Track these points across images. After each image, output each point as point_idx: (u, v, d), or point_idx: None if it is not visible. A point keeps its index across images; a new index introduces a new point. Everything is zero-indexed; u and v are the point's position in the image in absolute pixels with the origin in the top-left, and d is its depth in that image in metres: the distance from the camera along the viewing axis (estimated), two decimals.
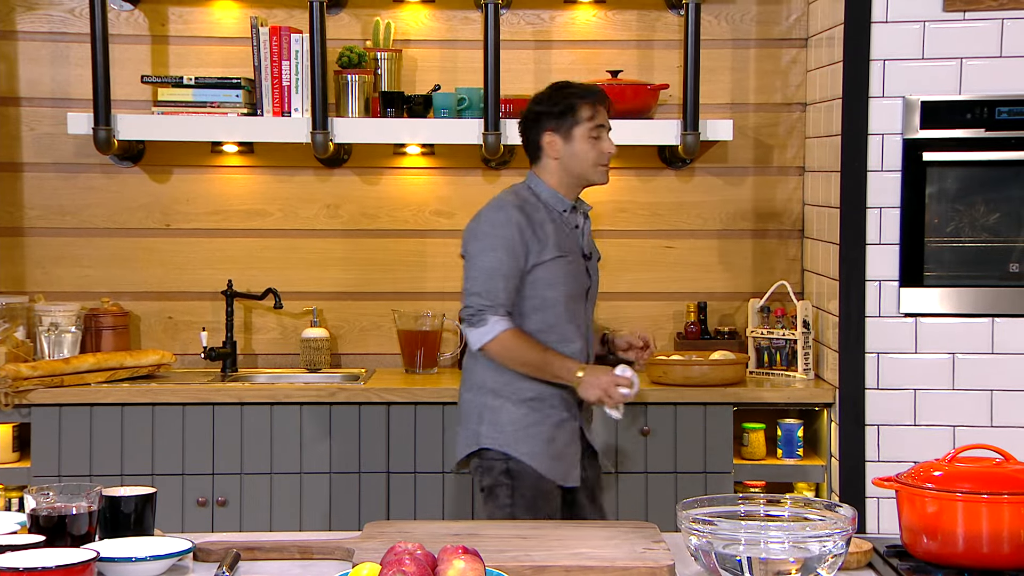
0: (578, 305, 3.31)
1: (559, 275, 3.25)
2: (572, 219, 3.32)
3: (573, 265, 3.28)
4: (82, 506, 2.11)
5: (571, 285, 3.28)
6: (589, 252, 3.37)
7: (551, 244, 3.25)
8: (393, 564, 1.87)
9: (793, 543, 1.95)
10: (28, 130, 4.31)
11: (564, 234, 3.28)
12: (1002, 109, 3.70)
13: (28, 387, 3.82)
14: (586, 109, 3.26)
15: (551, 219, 3.27)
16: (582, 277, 3.32)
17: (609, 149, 3.30)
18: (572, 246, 3.29)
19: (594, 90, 3.31)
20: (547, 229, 3.25)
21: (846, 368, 3.80)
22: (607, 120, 3.31)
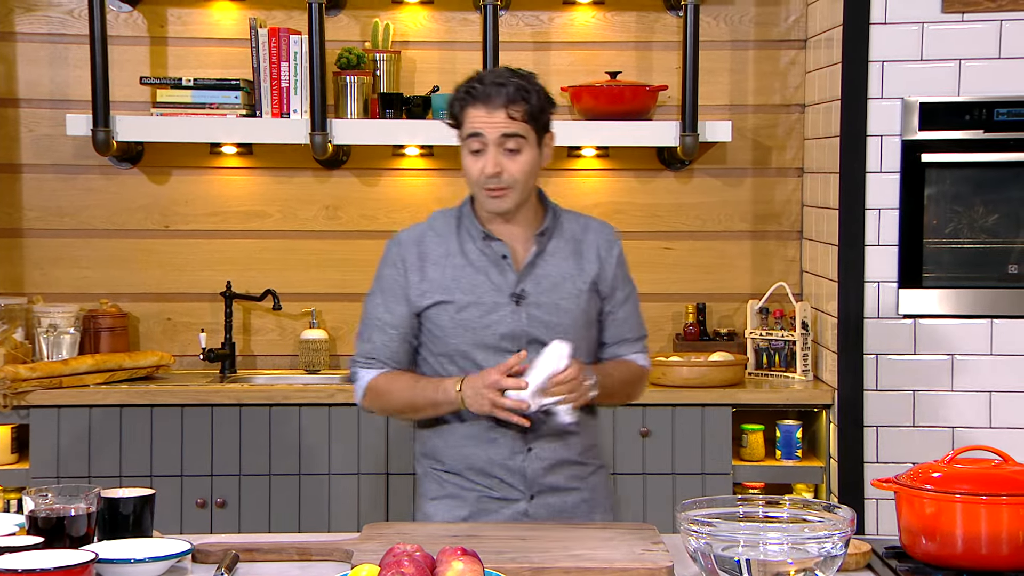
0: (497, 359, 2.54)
1: (448, 321, 2.59)
2: (496, 248, 2.60)
3: (480, 309, 2.58)
4: (81, 507, 2.11)
5: (474, 336, 2.58)
6: (521, 291, 2.58)
7: (441, 283, 2.60)
8: (392, 566, 1.87)
9: (792, 544, 1.95)
10: (27, 131, 4.31)
11: (476, 270, 2.59)
12: (1001, 110, 3.70)
13: (27, 388, 3.82)
14: (469, 113, 2.54)
15: (465, 250, 2.61)
16: (505, 323, 2.57)
17: (486, 169, 2.52)
18: (485, 285, 2.58)
19: (482, 91, 2.53)
20: (438, 265, 2.61)
21: (845, 369, 3.80)
22: (500, 130, 2.52)
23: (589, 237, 2.68)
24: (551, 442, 2.61)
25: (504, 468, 2.60)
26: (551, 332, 2.56)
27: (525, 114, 2.53)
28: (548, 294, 2.60)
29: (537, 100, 2.55)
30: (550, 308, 2.60)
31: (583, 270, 2.64)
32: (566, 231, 2.66)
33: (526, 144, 2.54)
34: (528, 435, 2.59)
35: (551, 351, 2.46)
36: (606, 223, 2.74)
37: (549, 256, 2.63)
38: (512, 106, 2.53)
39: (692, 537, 1.99)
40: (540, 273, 2.61)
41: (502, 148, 2.53)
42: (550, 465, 2.61)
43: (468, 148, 2.55)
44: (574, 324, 2.61)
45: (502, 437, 2.59)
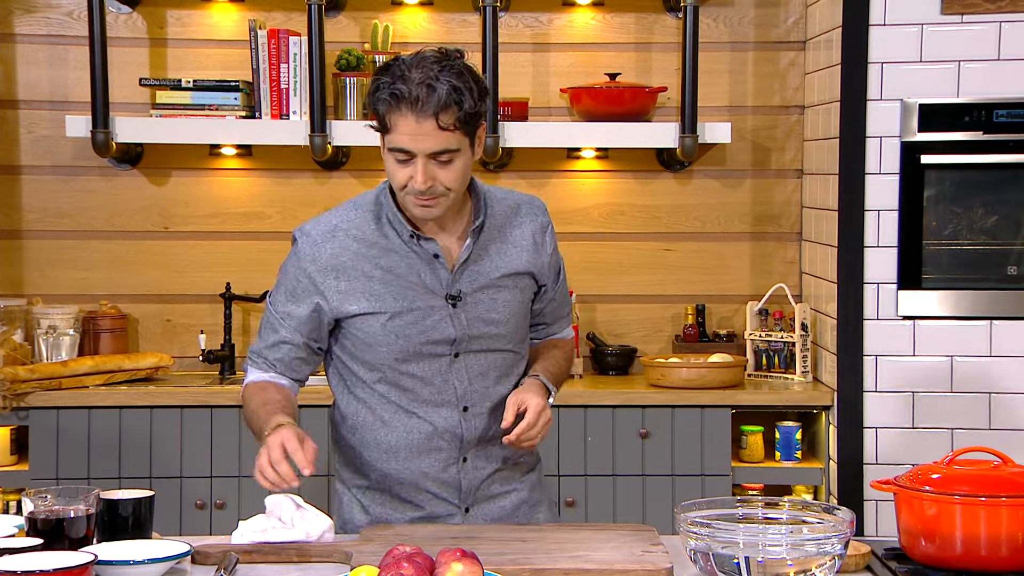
0: (432, 366, 2.40)
1: (379, 329, 2.38)
2: (427, 247, 2.38)
3: (414, 315, 2.38)
4: (80, 509, 2.11)
5: (409, 344, 2.39)
6: (457, 292, 2.39)
7: (366, 287, 2.38)
8: (391, 567, 1.87)
9: (791, 545, 1.95)
10: (26, 133, 4.31)
11: (408, 270, 2.38)
12: (1000, 112, 3.70)
13: (26, 390, 3.81)
14: (394, 120, 2.26)
15: (391, 248, 2.38)
16: (441, 328, 2.39)
17: (415, 183, 2.28)
18: (418, 287, 2.38)
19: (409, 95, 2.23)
20: (365, 266, 2.38)
21: (844, 371, 3.80)
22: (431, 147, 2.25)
23: (522, 223, 2.48)
24: (485, 447, 2.47)
25: (437, 481, 2.46)
26: (490, 330, 2.42)
27: (458, 121, 2.26)
28: (486, 291, 2.42)
29: (471, 100, 2.26)
30: (488, 305, 2.42)
31: (519, 261, 2.46)
32: (498, 219, 2.45)
33: (458, 154, 2.29)
34: (463, 444, 2.45)
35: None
36: (534, 198, 2.54)
37: (482, 251, 2.42)
38: (444, 114, 2.24)
39: (691, 538, 1.99)
40: (475, 269, 2.41)
41: (433, 159, 2.28)
42: (487, 474, 2.49)
43: (393, 156, 2.30)
44: (513, 316, 2.46)
45: (437, 450, 2.44)
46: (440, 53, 2.30)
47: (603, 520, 3.85)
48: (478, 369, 2.44)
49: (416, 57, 2.28)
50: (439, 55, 2.29)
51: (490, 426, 2.46)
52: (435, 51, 2.30)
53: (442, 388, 2.43)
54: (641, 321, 4.38)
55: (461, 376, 2.43)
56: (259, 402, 2.39)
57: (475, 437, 2.46)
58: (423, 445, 2.45)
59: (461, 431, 2.45)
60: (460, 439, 2.45)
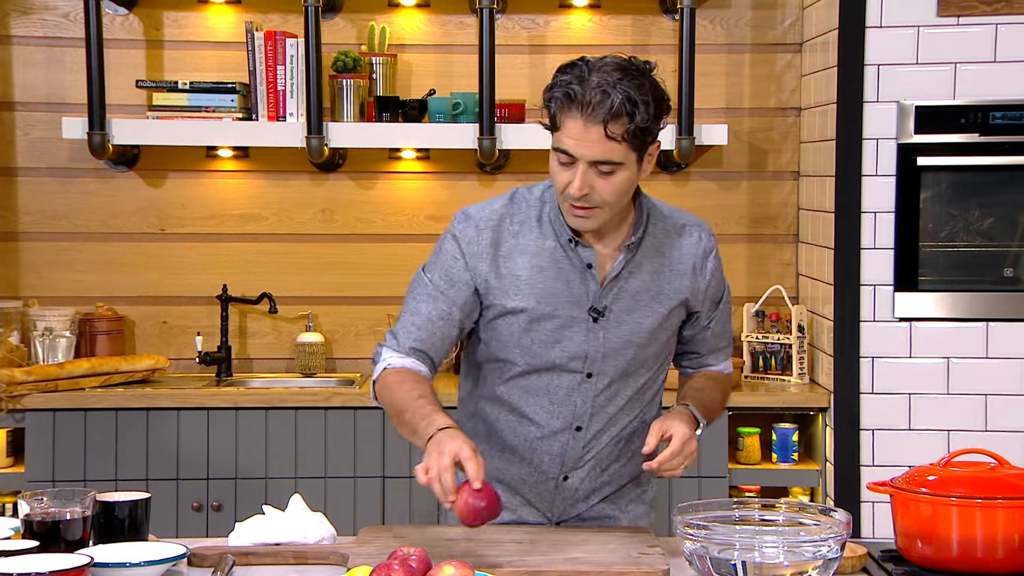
0: (562, 379, 2.34)
1: (517, 329, 2.31)
2: (582, 255, 2.31)
3: (554, 323, 2.31)
4: (76, 511, 2.11)
5: (543, 352, 2.32)
6: (603, 307, 2.31)
7: (514, 284, 2.31)
8: (382, 568, 1.87)
9: (788, 548, 1.95)
10: (23, 135, 4.31)
11: (557, 275, 2.31)
12: (996, 114, 3.70)
13: (22, 392, 3.81)
14: (563, 120, 2.20)
15: (545, 249, 2.31)
16: (576, 341, 2.32)
17: (572, 188, 2.20)
18: (564, 295, 2.30)
19: (581, 97, 2.16)
20: (518, 262, 2.31)
21: (841, 372, 3.80)
22: (594, 154, 2.18)
23: (683, 245, 2.37)
24: (592, 470, 2.41)
25: (534, 491, 2.42)
26: (628, 352, 2.33)
27: (627, 133, 2.17)
28: (630, 312, 2.32)
29: (645, 114, 2.17)
30: (632, 327, 2.32)
31: (671, 283, 2.35)
32: (658, 237, 2.36)
33: (621, 167, 2.20)
34: (565, 462, 2.39)
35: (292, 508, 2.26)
36: (703, 224, 2.43)
37: (635, 268, 2.32)
38: (613, 123, 2.15)
39: (688, 540, 1.99)
40: (624, 287, 2.32)
41: (595, 168, 2.19)
42: (585, 495, 2.44)
43: (556, 156, 2.21)
44: (654, 342, 2.36)
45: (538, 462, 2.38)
46: (627, 61, 2.22)
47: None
48: (606, 393, 2.36)
49: (601, 60, 2.21)
50: (624, 63, 2.21)
51: (599, 450, 2.39)
52: (623, 58, 2.23)
53: (563, 402, 2.35)
54: None
55: (586, 396, 2.35)
56: (411, 393, 2.25)
57: (579, 457, 2.39)
58: (527, 452, 2.39)
59: (566, 448, 2.38)
60: (563, 456, 2.39)
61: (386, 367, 2.33)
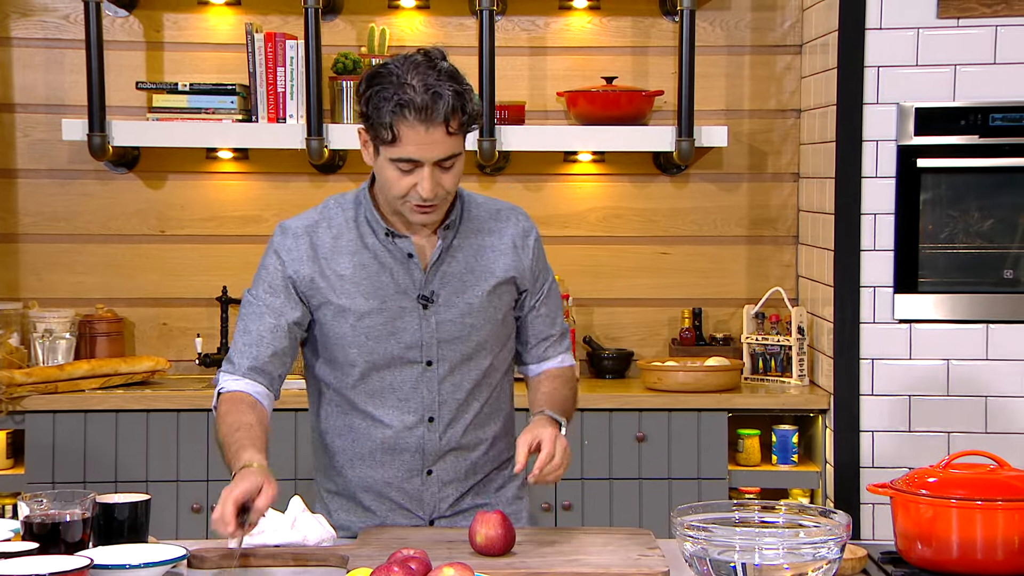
0: (404, 372, 2.37)
1: (349, 329, 2.35)
2: (403, 245, 2.35)
3: (384, 316, 2.34)
4: (76, 513, 2.11)
5: (379, 346, 2.34)
6: (430, 293, 2.35)
7: (338, 284, 2.35)
8: (383, 570, 1.87)
9: (787, 549, 1.95)
10: (22, 136, 4.31)
11: (380, 269, 2.35)
12: (996, 116, 3.70)
13: (22, 393, 3.81)
14: (403, 131, 2.22)
15: (365, 246, 2.36)
16: (410, 331, 2.35)
17: (422, 192, 2.25)
18: (390, 287, 2.35)
19: (418, 104, 2.20)
20: (340, 262, 2.35)
21: (841, 374, 3.80)
22: (440, 153, 2.24)
23: (500, 227, 2.43)
24: (454, 462, 2.42)
25: (401, 492, 2.43)
26: (464, 335, 2.36)
27: (462, 125, 2.25)
28: (458, 294, 2.36)
29: (471, 102, 2.26)
30: (461, 309, 2.36)
31: (496, 264, 2.40)
32: (475, 222, 2.41)
33: (460, 157, 2.29)
34: (426, 456, 2.40)
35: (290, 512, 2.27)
36: (518, 208, 2.49)
37: (457, 251, 2.38)
38: (452, 119, 2.22)
39: (688, 542, 1.99)
40: (448, 271, 2.36)
41: (438, 166, 2.26)
42: (455, 489, 2.44)
43: (396, 166, 2.25)
44: (489, 322, 2.39)
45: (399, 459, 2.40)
46: (427, 57, 2.27)
47: (600, 524, 3.85)
48: (450, 379, 2.39)
49: (407, 62, 2.25)
50: (428, 59, 2.26)
51: (457, 439, 2.41)
52: (419, 54, 2.27)
53: (409, 396, 2.38)
54: (637, 324, 4.38)
55: (431, 385, 2.38)
56: (230, 426, 2.29)
57: (439, 449, 2.41)
58: (385, 453, 2.41)
59: (423, 442, 2.40)
60: (422, 450, 2.41)
61: (219, 392, 2.38)
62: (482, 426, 2.45)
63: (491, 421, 2.47)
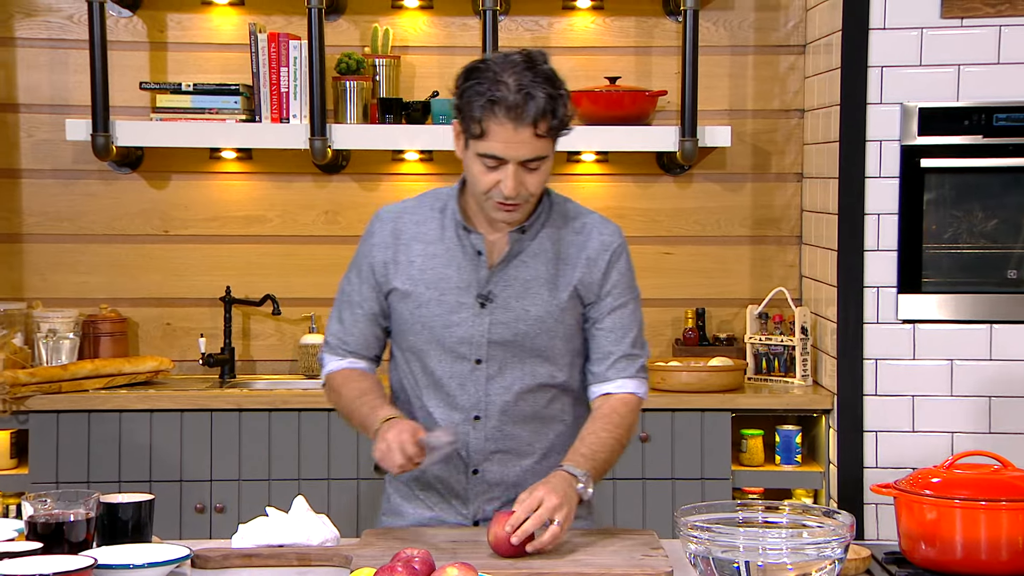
0: (454, 367, 2.38)
1: (408, 316, 2.39)
2: (472, 241, 2.37)
3: (442, 307, 2.37)
4: (80, 513, 2.11)
5: (433, 336, 2.38)
6: (488, 292, 2.36)
7: (407, 270, 2.39)
8: (386, 570, 1.87)
9: (791, 550, 1.94)
10: (26, 136, 4.31)
11: (448, 262, 2.37)
12: (1000, 116, 3.70)
13: (26, 393, 3.81)
14: (491, 127, 2.24)
15: (442, 238, 2.39)
16: (464, 326, 2.36)
17: (504, 189, 2.26)
18: (453, 280, 2.37)
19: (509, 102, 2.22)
20: (414, 249, 2.39)
21: (844, 374, 3.80)
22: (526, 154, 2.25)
23: (582, 239, 2.41)
24: (504, 465, 2.39)
25: (447, 487, 2.42)
26: (517, 339, 2.35)
27: (551, 128, 2.27)
28: (519, 299, 2.35)
29: (563, 107, 2.27)
30: (518, 313, 2.35)
31: (564, 275, 2.38)
32: (557, 230, 2.40)
33: (546, 160, 2.30)
34: (471, 455, 2.39)
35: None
36: (608, 223, 2.46)
37: (528, 257, 2.37)
38: (541, 122, 2.24)
39: (691, 542, 1.99)
40: (514, 274, 2.36)
41: (523, 166, 2.27)
42: (499, 491, 2.41)
43: (482, 161, 2.27)
44: (544, 332, 2.37)
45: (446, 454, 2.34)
46: (528, 57, 2.28)
47: (603, 524, 3.84)
48: (499, 380, 2.38)
49: (505, 61, 2.27)
50: (527, 60, 2.28)
51: (504, 442, 2.39)
52: (520, 54, 2.29)
53: (458, 391, 2.38)
54: None
55: (479, 383, 2.38)
56: (353, 393, 2.41)
57: (485, 449, 2.40)
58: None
59: (469, 439, 2.39)
60: (467, 448, 2.40)
61: (328, 372, 2.50)
62: (534, 434, 2.42)
63: (546, 431, 2.42)
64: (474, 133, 2.26)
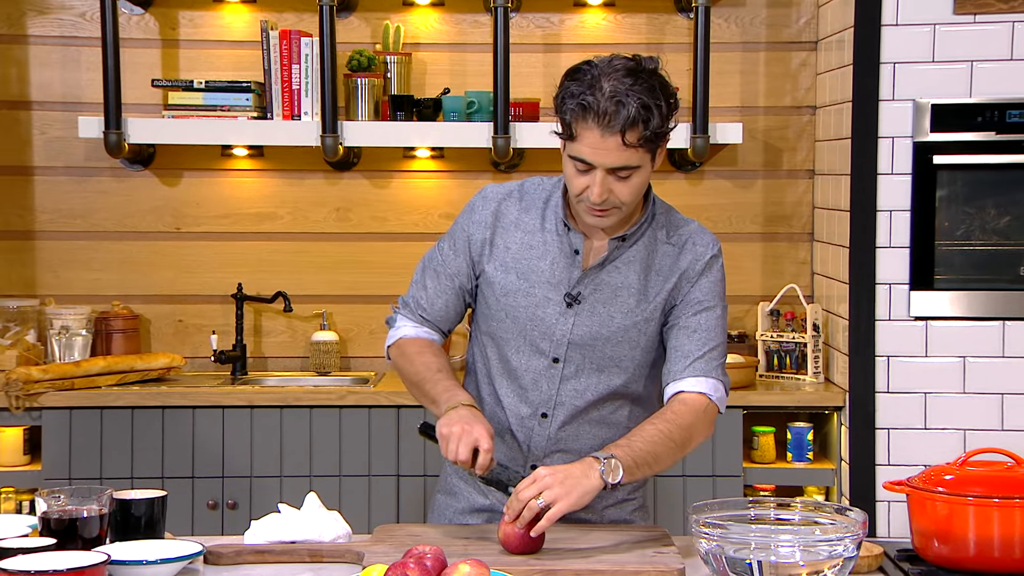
0: (531, 362, 2.37)
1: (494, 302, 2.38)
2: (572, 240, 2.36)
3: (529, 300, 2.36)
4: (93, 509, 2.12)
5: (515, 327, 2.37)
6: (577, 293, 2.35)
7: (502, 256, 2.38)
8: (398, 567, 1.87)
9: (803, 547, 1.94)
10: (39, 134, 4.32)
11: (543, 255, 2.36)
12: (1013, 112, 3.69)
13: (39, 390, 3.83)
14: (579, 130, 2.22)
15: (541, 229, 2.38)
16: (548, 322, 2.35)
17: (591, 195, 2.24)
18: (545, 275, 2.35)
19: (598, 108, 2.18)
20: (512, 236, 2.38)
21: (856, 371, 3.80)
22: (612, 162, 2.21)
23: (677, 250, 2.38)
24: (562, 462, 2.32)
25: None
26: (597, 344, 2.34)
27: (642, 139, 2.20)
28: (606, 304, 2.34)
29: (659, 119, 2.20)
30: (603, 319, 2.34)
31: (654, 285, 2.36)
32: (656, 242, 2.37)
33: (638, 170, 2.24)
34: (531, 450, 2.39)
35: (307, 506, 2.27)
36: (705, 234, 2.42)
37: (622, 263, 2.35)
38: (630, 132, 2.18)
39: (703, 539, 1.99)
40: (606, 280, 2.34)
41: (613, 174, 2.23)
42: None
43: (573, 163, 2.24)
44: (626, 341, 2.35)
45: (502, 444, 2.39)
46: (634, 63, 2.23)
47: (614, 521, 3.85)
48: (573, 382, 2.37)
49: (609, 64, 2.22)
50: (633, 65, 2.23)
51: (567, 443, 2.38)
52: (629, 59, 2.24)
53: (531, 387, 2.38)
54: None
55: (553, 381, 2.37)
56: (430, 366, 2.38)
57: (547, 447, 2.39)
58: (496, 435, 2.36)
59: (532, 435, 2.39)
60: (528, 443, 2.40)
61: (402, 336, 2.47)
62: (598, 440, 2.40)
63: (610, 436, 2.38)
64: (566, 134, 2.24)
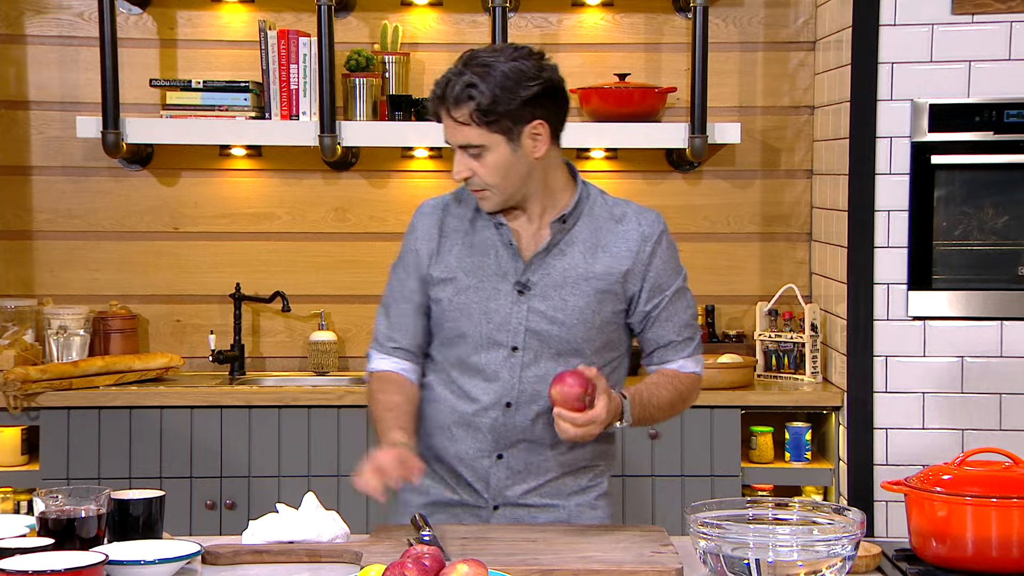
0: (490, 354, 2.40)
1: (447, 303, 2.42)
2: (504, 232, 2.40)
3: (480, 294, 2.40)
4: (91, 509, 2.12)
5: (471, 322, 2.40)
6: (527, 280, 2.39)
7: (448, 259, 2.43)
8: (396, 567, 1.87)
9: (801, 546, 1.94)
10: (37, 133, 4.32)
11: (486, 250, 2.42)
12: (1011, 112, 3.69)
13: (37, 390, 3.82)
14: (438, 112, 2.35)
15: (481, 228, 2.43)
16: (502, 312, 2.39)
17: (454, 172, 2.36)
18: (491, 268, 2.40)
19: (438, 90, 2.31)
20: (454, 241, 2.44)
21: (854, 371, 3.80)
22: (456, 139, 2.32)
23: (620, 230, 2.42)
24: (529, 453, 2.42)
25: (470, 469, 2.45)
26: (552, 330, 2.37)
27: (472, 116, 2.28)
28: (557, 288, 2.37)
29: (484, 96, 2.26)
30: (556, 303, 2.37)
31: (606, 266, 2.39)
32: (596, 220, 2.42)
33: (487, 149, 2.30)
34: (499, 439, 2.42)
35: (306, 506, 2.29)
36: (649, 212, 2.47)
37: (566, 247, 2.39)
38: (456, 109, 2.28)
39: (702, 539, 1.99)
40: (551, 264, 2.38)
41: (466, 152, 2.33)
42: (522, 478, 2.43)
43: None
44: (582, 323, 2.38)
45: (472, 436, 2.43)
46: (487, 49, 2.33)
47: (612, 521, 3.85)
48: (534, 368, 2.40)
49: (479, 50, 2.34)
50: (493, 51, 2.32)
51: (532, 430, 2.41)
52: (495, 46, 2.37)
53: (493, 378, 2.40)
54: None
55: (514, 370, 2.39)
56: (383, 405, 2.43)
57: (512, 435, 2.42)
58: (460, 428, 2.43)
59: (497, 424, 2.41)
60: (494, 433, 2.42)
61: (372, 370, 2.52)
62: None
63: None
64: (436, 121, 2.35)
